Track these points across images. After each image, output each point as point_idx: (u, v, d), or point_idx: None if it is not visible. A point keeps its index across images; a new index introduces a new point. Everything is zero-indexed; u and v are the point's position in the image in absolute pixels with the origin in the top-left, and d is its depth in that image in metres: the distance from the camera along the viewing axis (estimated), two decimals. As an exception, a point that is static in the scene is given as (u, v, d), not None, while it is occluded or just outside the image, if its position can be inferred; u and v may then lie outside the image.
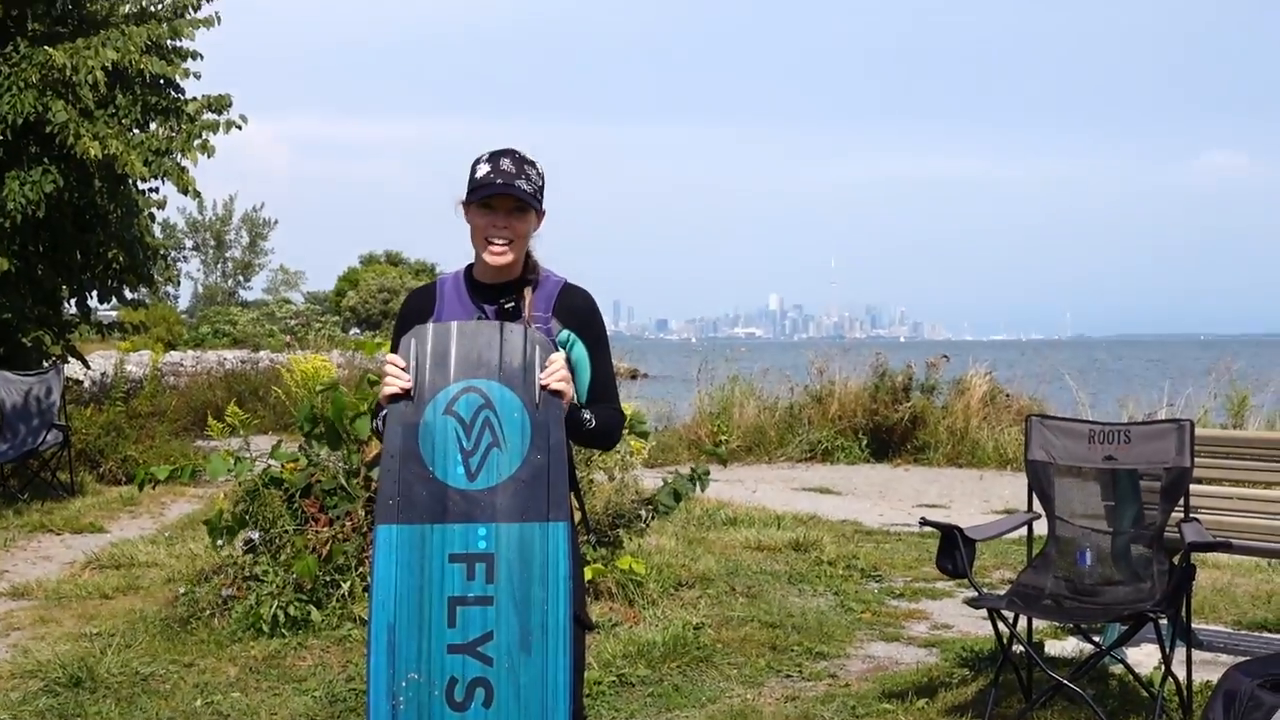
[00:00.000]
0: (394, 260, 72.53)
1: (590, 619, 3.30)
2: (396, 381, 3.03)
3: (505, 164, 3.13)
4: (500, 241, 3.14)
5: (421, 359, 3.06)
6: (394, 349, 3.20)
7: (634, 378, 23.51)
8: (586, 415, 3.16)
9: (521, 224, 3.15)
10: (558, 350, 3.11)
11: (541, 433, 3.00)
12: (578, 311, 3.23)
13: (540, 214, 3.22)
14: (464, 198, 3.20)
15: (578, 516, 3.56)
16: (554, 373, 3.03)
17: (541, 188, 3.19)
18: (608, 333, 3.32)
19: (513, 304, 3.18)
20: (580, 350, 3.22)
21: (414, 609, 2.88)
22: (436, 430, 2.99)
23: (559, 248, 3.34)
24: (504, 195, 3.11)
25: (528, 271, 3.24)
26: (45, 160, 12.50)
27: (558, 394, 3.03)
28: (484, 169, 3.14)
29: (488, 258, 3.15)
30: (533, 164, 3.17)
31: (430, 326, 3.09)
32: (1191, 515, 4.99)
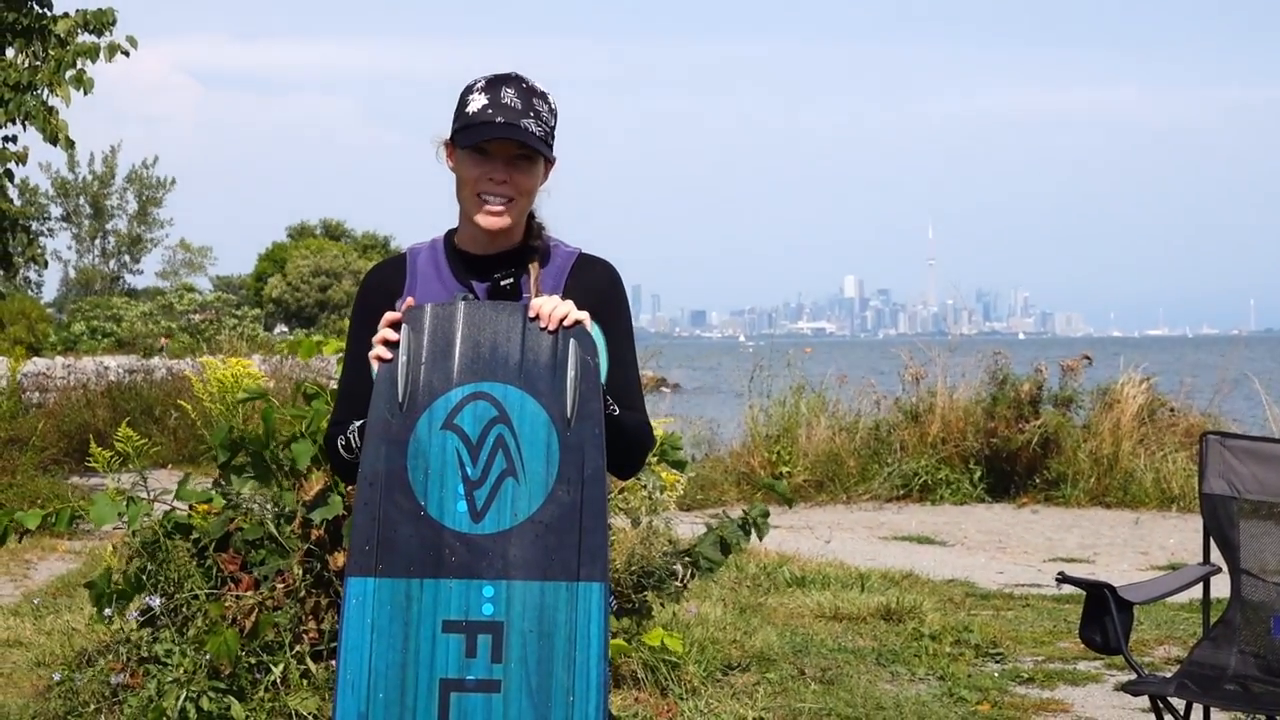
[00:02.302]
0: (334, 233, 72.83)
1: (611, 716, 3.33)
2: (390, 334, 3.04)
3: (507, 96, 3.16)
4: (498, 200, 3.17)
5: (415, 352, 3.02)
6: (353, 346, 3.23)
7: (661, 388, 23.54)
8: (609, 402, 3.14)
9: (526, 177, 3.19)
10: (595, 341, 3.09)
11: (574, 459, 2.97)
12: (596, 290, 3.25)
13: (550, 163, 3.25)
14: (448, 137, 3.24)
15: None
16: (556, 304, 3.03)
17: (553, 128, 3.22)
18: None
19: (511, 281, 3.20)
20: (597, 337, 3.21)
21: (394, 694, 2.90)
22: (432, 451, 2.98)
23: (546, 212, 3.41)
24: (505, 141, 3.14)
25: (530, 238, 3.28)
26: None
27: (577, 324, 3.02)
28: (478, 101, 3.17)
29: (481, 219, 3.18)
30: (543, 96, 3.20)
31: (428, 307, 3.07)
32: None
